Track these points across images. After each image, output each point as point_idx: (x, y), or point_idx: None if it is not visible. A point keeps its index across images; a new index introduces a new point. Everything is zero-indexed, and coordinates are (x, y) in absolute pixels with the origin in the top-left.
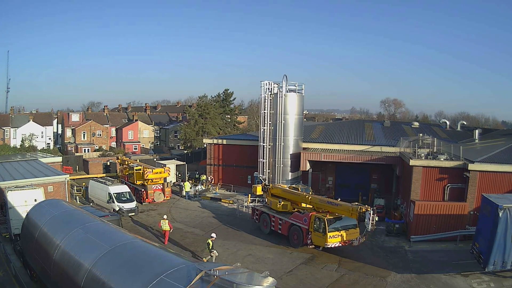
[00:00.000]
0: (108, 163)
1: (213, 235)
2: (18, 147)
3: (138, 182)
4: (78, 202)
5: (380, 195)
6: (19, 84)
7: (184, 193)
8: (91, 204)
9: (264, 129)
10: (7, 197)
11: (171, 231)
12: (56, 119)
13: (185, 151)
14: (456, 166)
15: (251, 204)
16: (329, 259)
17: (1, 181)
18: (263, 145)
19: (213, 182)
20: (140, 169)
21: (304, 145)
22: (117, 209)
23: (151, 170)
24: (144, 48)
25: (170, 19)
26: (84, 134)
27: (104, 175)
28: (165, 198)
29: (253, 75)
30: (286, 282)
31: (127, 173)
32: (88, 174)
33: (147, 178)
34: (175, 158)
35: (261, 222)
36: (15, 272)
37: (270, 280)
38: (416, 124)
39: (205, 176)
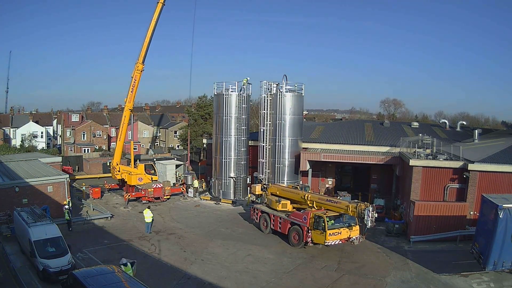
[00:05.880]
0: (108, 163)
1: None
2: (18, 147)
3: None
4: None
5: (380, 195)
6: (19, 84)
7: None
8: None
9: (263, 129)
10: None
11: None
12: (56, 119)
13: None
14: (456, 166)
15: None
16: (329, 259)
17: (9, 181)
18: (263, 145)
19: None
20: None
21: (304, 145)
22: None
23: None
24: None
25: (169, 19)
26: (83, 134)
27: (104, 175)
28: (165, 197)
29: (253, 75)
30: (286, 282)
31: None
32: (88, 174)
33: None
34: (175, 158)
35: (260, 221)
36: (15, 272)
37: None
38: (416, 124)
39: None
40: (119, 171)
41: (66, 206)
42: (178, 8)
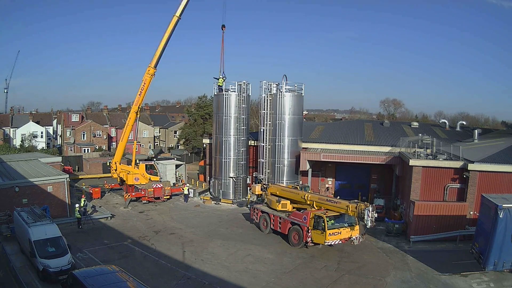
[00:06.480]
0: (108, 163)
1: None
2: (18, 147)
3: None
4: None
5: (380, 195)
6: (19, 84)
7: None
8: None
9: (263, 129)
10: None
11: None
12: (56, 119)
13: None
14: (456, 166)
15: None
16: (328, 259)
17: (9, 181)
18: (263, 145)
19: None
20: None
21: (304, 145)
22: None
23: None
24: (143, 48)
25: (168, 19)
26: (83, 134)
27: (106, 175)
28: (164, 197)
29: (253, 75)
30: (286, 282)
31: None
32: (88, 174)
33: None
34: (175, 158)
35: (260, 221)
36: (15, 272)
37: None
38: (416, 124)
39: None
40: (115, 170)
41: (77, 205)
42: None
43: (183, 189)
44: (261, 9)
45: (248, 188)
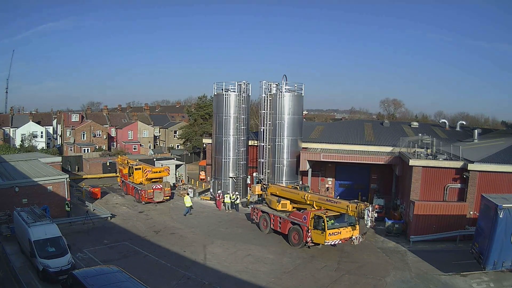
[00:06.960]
0: (108, 163)
1: None
2: (18, 147)
3: (138, 181)
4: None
5: (380, 195)
6: (19, 84)
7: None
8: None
9: (263, 129)
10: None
11: None
12: (56, 119)
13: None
14: (456, 166)
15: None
16: (328, 259)
17: (9, 181)
18: (263, 145)
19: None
20: (140, 168)
21: (304, 145)
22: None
23: (150, 169)
24: (143, 49)
25: (169, 19)
26: (83, 134)
27: (104, 175)
28: (164, 198)
29: (253, 75)
30: (286, 282)
31: (126, 172)
32: (88, 174)
33: (147, 177)
34: (175, 158)
35: (260, 221)
36: (15, 272)
37: None
38: (416, 124)
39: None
40: None
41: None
42: (177, 13)
43: (182, 196)
44: (261, 10)
45: (248, 188)
